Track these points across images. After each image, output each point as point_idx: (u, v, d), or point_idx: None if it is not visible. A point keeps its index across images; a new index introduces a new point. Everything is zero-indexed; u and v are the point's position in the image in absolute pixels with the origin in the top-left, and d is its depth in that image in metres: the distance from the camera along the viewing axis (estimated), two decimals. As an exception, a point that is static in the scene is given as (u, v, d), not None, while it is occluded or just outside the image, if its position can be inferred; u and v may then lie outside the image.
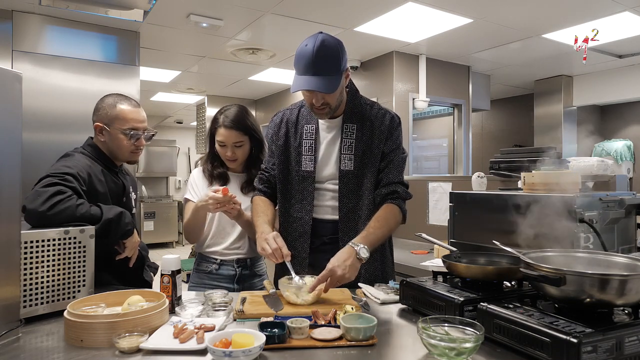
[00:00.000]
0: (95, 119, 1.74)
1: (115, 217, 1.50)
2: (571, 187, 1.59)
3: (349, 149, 1.68)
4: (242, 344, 1.00)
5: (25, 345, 1.12)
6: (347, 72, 1.63)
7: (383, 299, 1.47)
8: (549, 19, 3.70)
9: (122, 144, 1.73)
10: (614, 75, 5.27)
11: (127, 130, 1.71)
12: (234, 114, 1.87)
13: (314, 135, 1.71)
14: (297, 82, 1.53)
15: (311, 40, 1.52)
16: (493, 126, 7.21)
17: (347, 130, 1.69)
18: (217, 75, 5.64)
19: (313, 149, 1.70)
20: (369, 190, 1.67)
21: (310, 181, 1.70)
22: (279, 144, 1.76)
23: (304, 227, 1.69)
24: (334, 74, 1.54)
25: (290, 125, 1.76)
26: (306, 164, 1.71)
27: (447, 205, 1.91)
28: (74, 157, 1.65)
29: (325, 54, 1.51)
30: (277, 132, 1.78)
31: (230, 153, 1.88)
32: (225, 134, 1.85)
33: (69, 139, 1.78)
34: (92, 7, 3.41)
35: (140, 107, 1.80)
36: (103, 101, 1.76)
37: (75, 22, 3.72)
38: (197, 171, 2.01)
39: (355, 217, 1.66)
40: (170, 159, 9.17)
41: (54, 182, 1.45)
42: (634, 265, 1.12)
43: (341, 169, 1.67)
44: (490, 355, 1.04)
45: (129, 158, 1.78)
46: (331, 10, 3.50)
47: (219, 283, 1.89)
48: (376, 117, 1.71)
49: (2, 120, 1.15)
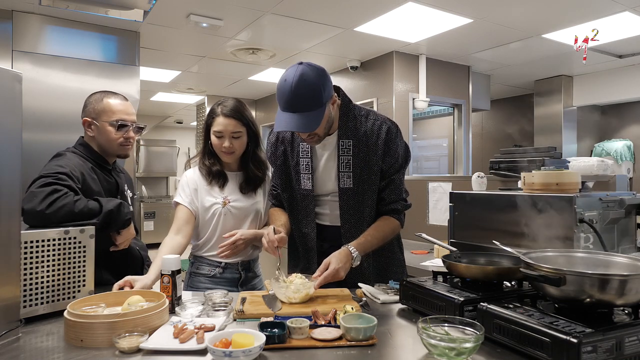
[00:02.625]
0: (83, 115, 1.75)
1: (115, 207, 1.52)
2: (571, 187, 1.59)
3: (346, 166, 1.67)
4: (242, 344, 1.00)
5: (25, 345, 1.12)
6: (333, 99, 1.58)
7: (383, 299, 1.47)
8: (549, 19, 3.70)
9: (111, 137, 1.73)
10: (614, 75, 5.27)
11: (115, 122, 1.72)
12: (232, 104, 1.84)
13: (309, 153, 1.71)
14: (279, 119, 1.50)
15: (290, 74, 1.45)
16: (493, 126, 7.21)
17: (343, 146, 1.67)
18: (217, 75, 5.64)
19: (310, 168, 1.71)
20: (370, 206, 1.69)
21: (311, 199, 1.72)
22: (278, 164, 1.78)
23: (311, 243, 1.74)
24: (316, 109, 1.48)
25: (287, 143, 1.76)
26: (305, 183, 1.72)
27: (447, 205, 1.91)
28: (66, 157, 1.65)
29: (304, 91, 1.44)
30: (275, 151, 1.79)
31: (228, 144, 1.80)
32: (223, 123, 1.79)
33: (68, 139, 1.77)
34: (92, 7, 3.41)
35: (128, 101, 1.80)
36: (90, 97, 1.77)
37: (75, 22, 3.72)
38: (192, 172, 1.92)
39: (357, 230, 1.68)
40: (170, 159, 9.17)
41: (48, 182, 1.46)
42: (634, 265, 1.12)
43: (341, 187, 1.68)
44: (490, 355, 1.04)
45: (118, 151, 1.77)
46: (331, 10, 3.50)
47: (223, 287, 1.83)
48: (372, 130, 1.67)
49: (2, 120, 1.15)
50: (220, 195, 1.87)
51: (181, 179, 1.92)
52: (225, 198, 1.87)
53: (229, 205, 1.87)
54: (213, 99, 6.65)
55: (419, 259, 2.99)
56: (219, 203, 1.86)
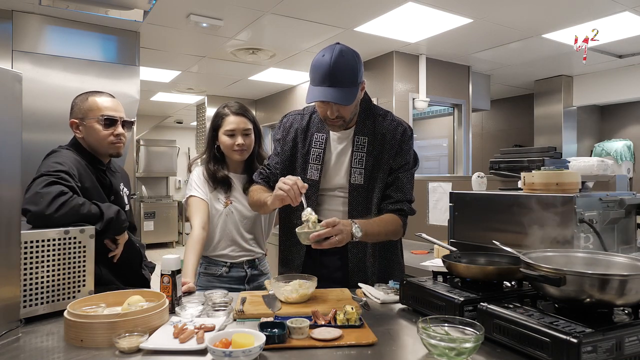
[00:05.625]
0: (71, 116, 1.70)
1: (115, 215, 1.51)
2: (571, 187, 1.59)
3: (359, 162, 1.66)
4: (242, 344, 1.00)
5: (25, 345, 1.12)
6: (363, 84, 1.60)
7: (383, 299, 1.47)
8: (549, 19, 3.70)
9: (100, 135, 1.67)
10: (614, 75, 5.27)
11: (102, 118, 1.66)
12: (238, 104, 1.92)
13: (324, 144, 1.69)
14: (313, 92, 1.50)
15: (328, 51, 1.49)
16: (493, 126, 7.21)
17: (358, 143, 1.67)
18: (217, 75, 5.64)
19: (321, 159, 1.69)
20: (376, 204, 1.68)
21: (314, 190, 1.69)
22: (286, 149, 1.74)
23: None
24: (351, 86, 1.51)
25: (300, 131, 1.74)
26: (312, 173, 1.69)
27: (447, 205, 1.91)
28: (62, 154, 1.61)
29: (342, 65, 1.48)
30: (286, 135, 1.76)
31: (241, 141, 1.86)
32: (235, 121, 1.86)
33: (68, 139, 1.76)
34: (92, 7, 3.41)
35: (115, 99, 1.75)
36: (76, 98, 1.73)
37: (75, 22, 3.72)
38: (200, 170, 1.96)
39: None
40: (170, 159, 9.18)
41: (51, 181, 1.42)
42: (634, 265, 1.12)
43: (351, 183, 1.66)
44: (490, 355, 1.04)
45: (110, 150, 1.71)
46: (331, 10, 3.50)
47: (230, 285, 1.88)
48: (388, 130, 1.68)
49: (2, 120, 1.15)
50: (223, 196, 1.90)
51: (192, 175, 1.96)
52: (228, 199, 1.90)
53: (231, 206, 1.89)
54: (213, 99, 6.64)
55: (419, 259, 2.99)
56: (222, 203, 1.90)
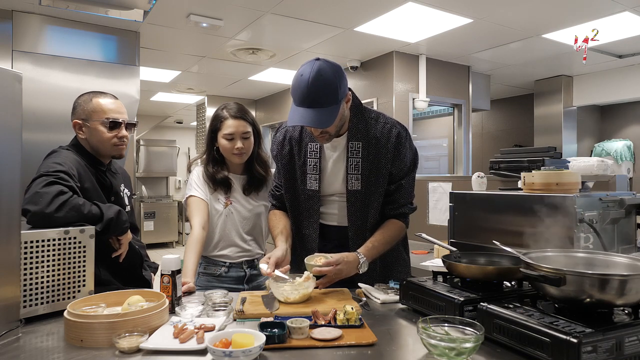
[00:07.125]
0: (73, 117, 1.69)
1: (115, 215, 1.50)
2: (571, 187, 1.59)
3: (355, 168, 1.65)
4: (242, 344, 1.00)
5: (25, 345, 1.12)
6: (347, 97, 1.56)
7: (383, 299, 1.47)
8: (549, 19, 3.70)
9: (103, 137, 1.67)
10: (614, 75, 5.27)
11: (107, 121, 1.66)
12: (237, 106, 1.89)
13: (318, 153, 1.68)
14: (294, 114, 1.47)
15: (307, 69, 1.43)
16: (493, 126, 7.22)
17: (352, 148, 1.65)
18: (217, 75, 5.64)
19: (318, 168, 1.68)
20: (375, 208, 1.68)
21: (316, 200, 1.69)
22: (284, 163, 1.74)
23: (311, 245, 1.72)
24: (331, 105, 1.46)
25: (294, 142, 1.73)
26: (311, 183, 1.69)
27: (447, 205, 1.91)
28: (62, 154, 1.61)
29: (321, 86, 1.42)
30: (281, 150, 1.75)
31: (240, 144, 1.84)
32: (234, 124, 1.83)
33: (68, 139, 1.76)
34: (92, 7, 3.41)
35: (118, 100, 1.75)
36: (78, 99, 1.72)
37: (75, 22, 3.72)
38: (200, 170, 1.95)
39: (363, 230, 1.68)
40: (170, 159, 9.17)
41: (51, 181, 1.42)
42: (634, 265, 1.12)
43: (349, 189, 1.66)
44: (490, 355, 1.04)
45: (112, 152, 1.71)
46: (331, 10, 3.50)
47: (229, 285, 1.88)
48: (382, 133, 1.66)
49: (2, 120, 1.15)
50: (223, 196, 1.90)
51: (192, 175, 1.95)
52: (228, 199, 1.90)
53: (230, 207, 1.89)
54: (213, 99, 6.64)
55: (419, 259, 2.99)
56: (222, 204, 1.89)
